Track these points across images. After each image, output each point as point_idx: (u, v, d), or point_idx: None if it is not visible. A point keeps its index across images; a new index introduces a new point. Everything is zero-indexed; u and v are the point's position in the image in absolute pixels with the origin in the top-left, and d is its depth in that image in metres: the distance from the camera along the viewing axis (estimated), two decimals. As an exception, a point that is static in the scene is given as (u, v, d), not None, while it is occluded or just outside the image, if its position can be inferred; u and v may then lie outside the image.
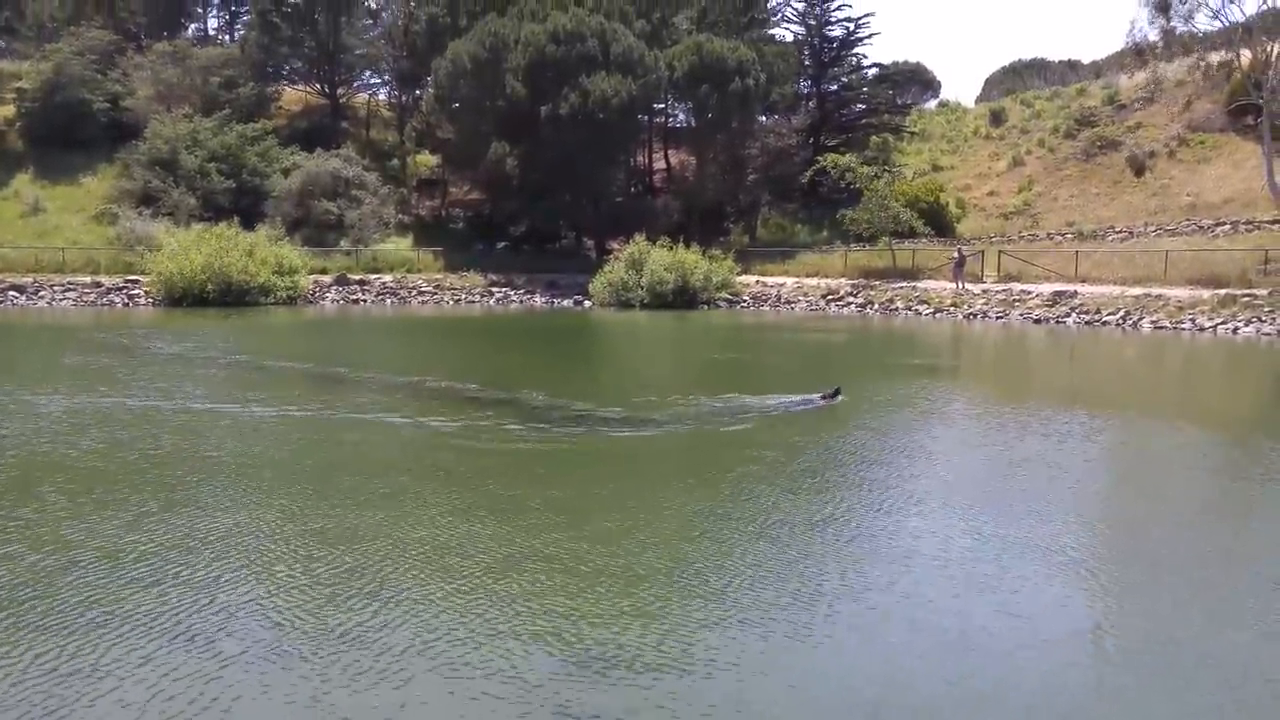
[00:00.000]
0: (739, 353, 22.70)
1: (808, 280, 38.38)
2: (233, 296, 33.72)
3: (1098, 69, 57.58)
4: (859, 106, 51.41)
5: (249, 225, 38.30)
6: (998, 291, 32.56)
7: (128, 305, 34.57)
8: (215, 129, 43.97)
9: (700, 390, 14.73)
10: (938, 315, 31.96)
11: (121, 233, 39.00)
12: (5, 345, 23.49)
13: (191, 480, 9.18)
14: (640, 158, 50.62)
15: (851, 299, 35.54)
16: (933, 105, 60.05)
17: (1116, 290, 29.86)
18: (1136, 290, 29.37)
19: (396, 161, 50.51)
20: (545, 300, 38.74)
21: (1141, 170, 41.71)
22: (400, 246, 43.78)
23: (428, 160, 50.60)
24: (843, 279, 37.87)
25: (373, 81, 55.33)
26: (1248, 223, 34.58)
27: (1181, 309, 27.15)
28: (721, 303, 36.85)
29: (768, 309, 36.12)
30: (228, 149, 43.20)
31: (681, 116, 50.71)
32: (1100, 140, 44.08)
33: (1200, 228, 35.78)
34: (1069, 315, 29.12)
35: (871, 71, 53.09)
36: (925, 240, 38.88)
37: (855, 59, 51.38)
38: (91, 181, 44.08)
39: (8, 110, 46.85)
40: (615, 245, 41.48)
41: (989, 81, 70.91)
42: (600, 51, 40.21)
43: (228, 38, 61.77)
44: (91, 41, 47.32)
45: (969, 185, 46.06)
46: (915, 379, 17.22)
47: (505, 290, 39.45)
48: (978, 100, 63.52)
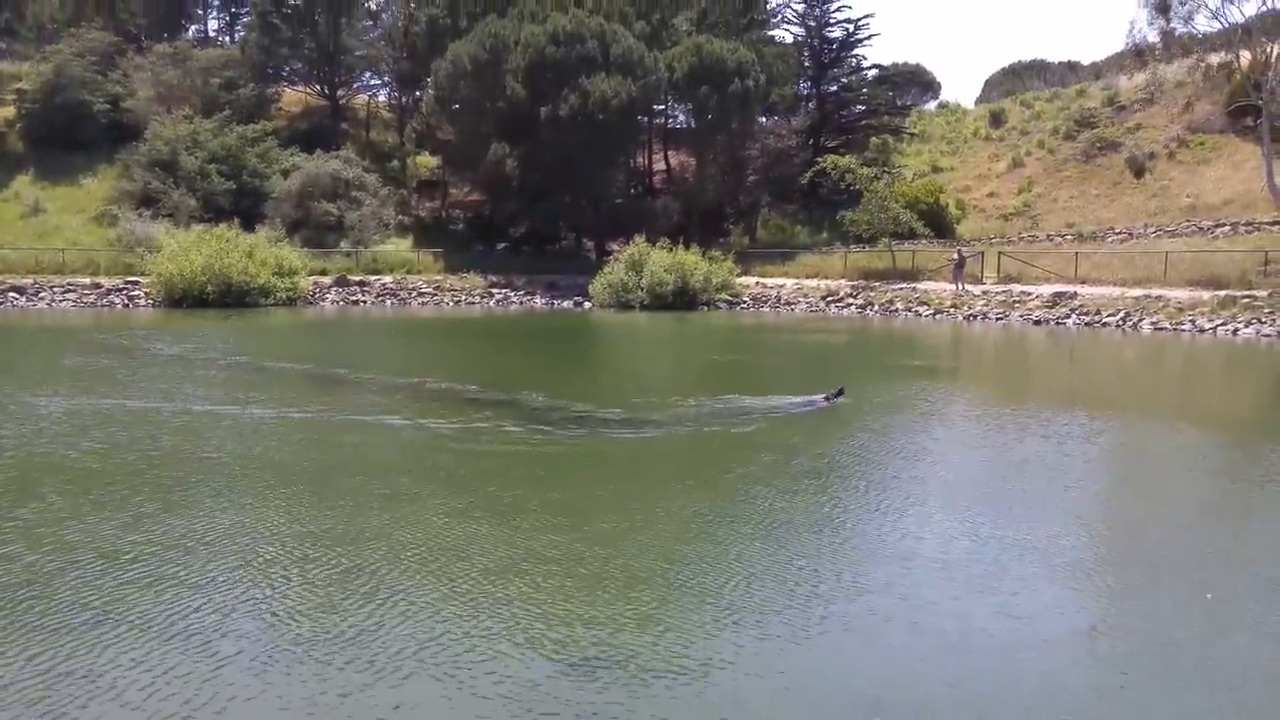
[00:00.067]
0: (739, 354, 22.69)
1: (808, 281, 38.38)
2: (233, 298, 33.74)
3: (1097, 70, 57.62)
4: (859, 108, 51.46)
5: (249, 226, 38.37)
6: (997, 293, 32.54)
7: (128, 306, 34.56)
8: (215, 130, 44.02)
9: (700, 391, 14.73)
10: (938, 316, 31.95)
11: (121, 234, 39.05)
12: (5, 346, 23.48)
13: (190, 481, 9.17)
14: (640, 159, 50.64)
15: (851, 300, 35.54)
16: (932, 106, 60.10)
17: (1116, 291, 29.85)
18: (1136, 291, 29.36)
19: (396, 163, 50.54)
20: (545, 301, 38.75)
21: (1141, 171, 41.72)
22: (400, 248, 43.80)
23: (428, 161, 50.63)
24: (843, 280, 37.88)
25: (373, 83, 55.49)
26: (1247, 224, 34.57)
27: (1181, 310, 27.14)
28: (721, 304, 36.85)
29: (767, 310, 36.12)
30: (228, 150, 43.25)
31: (681, 118, 50.76)
32: (1100, 141, 44.11)
33: (1200, 229, 35.78)
34: (1069, 316, 29.11)
35: (871, 73, 53.17)
36: (925, 241, 38.86)
37: (855, 60, 51.48)
38: (91, 183, 44.10)
39: (8, 111, 46.89)
40: (615, 246, 41.51)
41: (989, 83, 71.00)
42: (600, 53, 40.25)
43: (228, 39, 61.83)
44: (92, 43, 47.38)
45: (969, 186, 46.08)
46: (915, 380, 17.21)
47: (505, 291, 39.48)
48: (977, 101, 63.59)
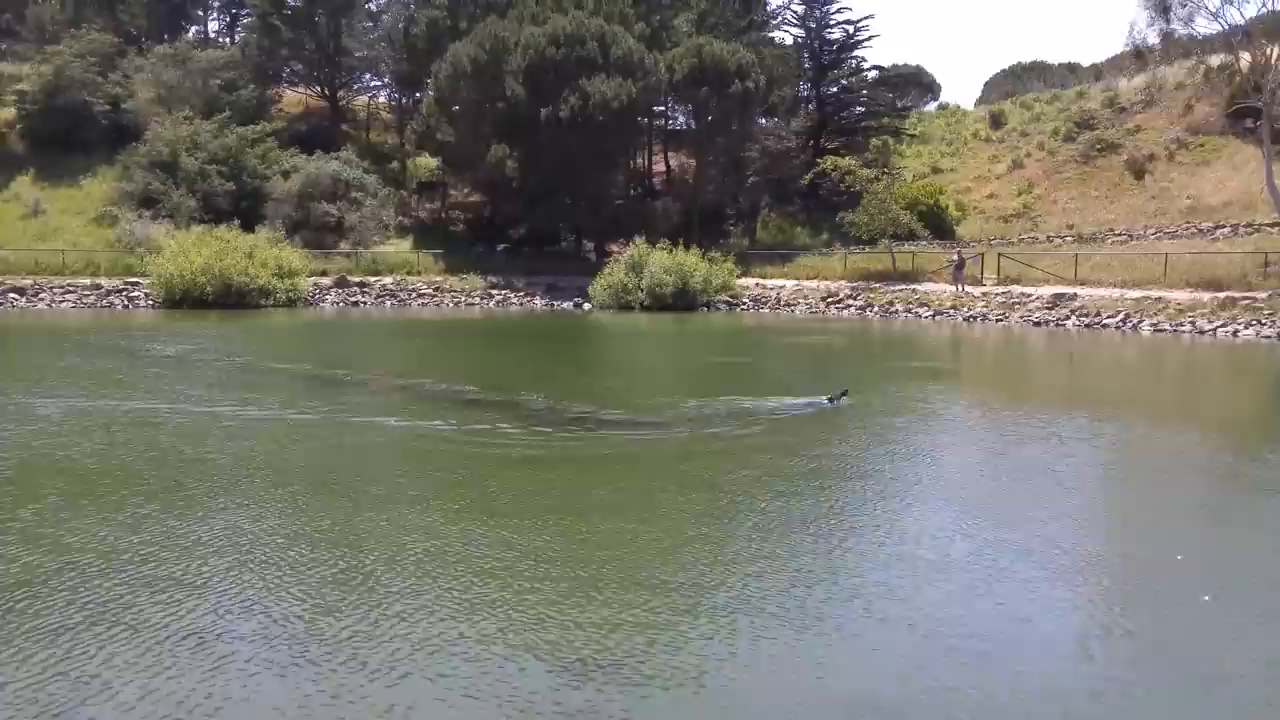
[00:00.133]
0: (739, 355, 22.68)
1: (807, 283, 38.39)
2: (232, 299, 33.71)
3: (1097, 72, 57.69)
4: (859, 109, 51.53)
5: (249, 227, 38.39)
6: (997, 294, 32.54)
7: (127, 307, 34.55)
8: (215, 131, 44.01)
9: (700, 393, 14.73)
10: (937, 318, 31.94)
11: (121, 235, 39.06)
12: (4, 347, 23.47)
13: (189, 482, 9.15)
14: (640, 160, 50.65)
15: (851, 301, 35.53)
16: (932, 108, 60.22)
17: (1116, 293, 29.84)
18: (1136, 293, 29.35)
19: (396, 164, 50.55)
20: (545, 302, 38.75)
21: (1141, 173, 41.74)
22: (400, 249, 43.80)
23: (428, 163, 50.62)
24: (842, 281, 37.88)
25: (373, 84, 55.54)
26: (1247, 225, 34.58)
27: (1181, 312, 27.13)
28: (721, 305, 36.85)
29: (767, 311, 36.11)
30: (228, 151, 43.23)
31: (681, 119, 50.78)
32: (1100, 143, 44.14)
33: (1200, 230, 35.79)
34: (1069, 318, 29.10)
35: (871, 74, 53.23)
36: (925, 243, 38.88)
37: (855, 62, 51.53)
38: (91, 184, 44.06)
39: (8, 112, 46.87)
40: (615, 248, 41.52)
41: (988, 84, 71.13)
42: (600, 54, 40.25)
43: (228, 40, 61.82)
44: (92, 44, 47.40)
45: (968, 188, 46.11)
46: (915, 382, 17.21)
47: (505, 293, 39.48)
48: (977, 103, 63.67)
